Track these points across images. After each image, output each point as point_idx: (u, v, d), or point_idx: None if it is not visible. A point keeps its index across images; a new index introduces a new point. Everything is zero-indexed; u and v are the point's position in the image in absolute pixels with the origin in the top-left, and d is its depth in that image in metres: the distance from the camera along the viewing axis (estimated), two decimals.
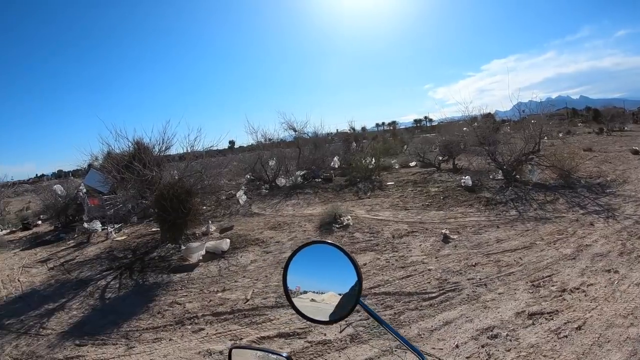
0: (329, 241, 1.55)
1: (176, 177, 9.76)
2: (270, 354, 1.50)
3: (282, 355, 1.43)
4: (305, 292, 1.54)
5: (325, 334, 4.86)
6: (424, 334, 4.63)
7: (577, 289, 5.44)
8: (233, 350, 1.55)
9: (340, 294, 1.49)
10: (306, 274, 1.57)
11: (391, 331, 1.51)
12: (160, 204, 9.04)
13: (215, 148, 12.07)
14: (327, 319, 1.52)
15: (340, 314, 1.49)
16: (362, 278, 1.50)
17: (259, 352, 1.56)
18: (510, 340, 4.31)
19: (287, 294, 1.57)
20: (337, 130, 26.94)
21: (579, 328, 4.42)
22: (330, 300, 1.51)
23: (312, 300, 1.53)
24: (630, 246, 6.89)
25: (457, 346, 4.31)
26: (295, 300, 1.55)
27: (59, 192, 15.73)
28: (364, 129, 37.01)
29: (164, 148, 10.97)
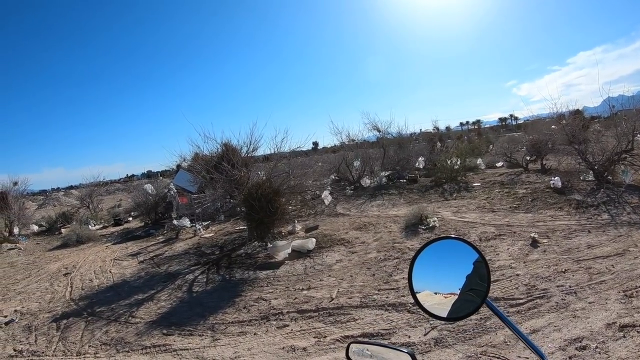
0: (461, 238, 1.55)
1: (264, 177, 10.09)
2: (390, 349, 1.54)
3: (403, 351, 1.46)
4: (431, 290, 1.55)
5: (409, 336, 4.93)
6: (509, 342, 4.59)
7: None
8: (351, 345, 1.61)
9: (465, 291, 1.50)
10: (433, 269, 1.58)
11: (518, 334, 1.49)
12: (249, 203, 9.41)
13: (300, 149, 12.37)
14: (451, 316, 1.52)
15: (465, 311, 1.50)
16: (491, 278, 1.53)
17: (378, 347, 1.60)
18: (600, 353, 4.18)
19: (412, 287, 1.57)
20: (420, 130, 26.75)
21: None
22: (453, 297, 1.51)
23: (435, 295, 1.54)
24: None
25: None
26: (419, 296, 1.56)
27: (150, 191, 16.65)
28: (448, 128, 36.62)
29: (251, 149, 11.43)
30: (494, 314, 1.50)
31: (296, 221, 11.51)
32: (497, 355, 4.03)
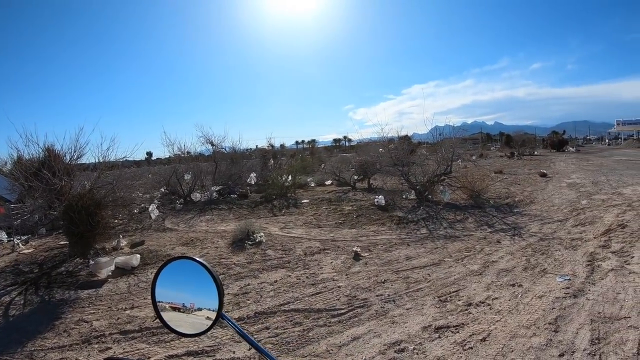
0: (195, 257, 1.59)
1: (87, 188, 9.32)
2: None
3: None
4: (174, 308, 1.59)
5: (234, 352, 4.75)
6: (332, 350, 4.57)
7: (483, 302, 5.57)
8: None
9: (208, 309, 1.54)
10: (174, 289, 1.61)
11: (253, 345, 1.54)
12: (69, 216, 8.62)
13: (129, 159, 11.72)
14: (194, 332, 1.58)
15: (205, 326, 1.54)
16: (223, 292, 1.55)
17: None
18: (417, 354, 4.31)
19: (156, 308, 1.60)
20: (256, 146, 26.88)
21: (483, 340, 4.49)
22: (198, 314, 1.56)
23: (180, 313, 1.58)
24: (534, 261, 7.20)
25: None
26: (164, 315, 1.59)
27: None
28: (282, 146, 37.24)
29: (75, 156, 10.48)
30: (230, 327, 1.56)
31: (121, 236, 10.78)
32: None
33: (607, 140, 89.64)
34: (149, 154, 36.19)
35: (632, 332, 4.46)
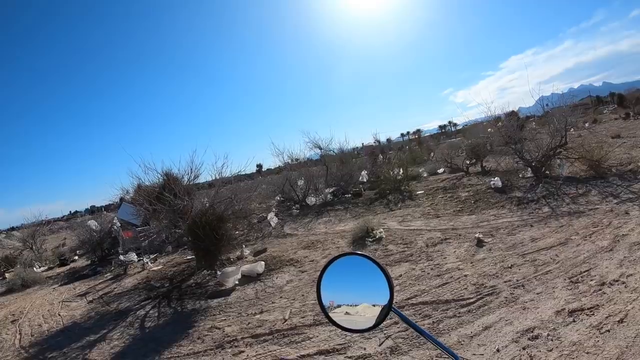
0: (359, 252, 1.59)
1: (207, 205, 9.86)
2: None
3: None
4: (339, 306, 1.58)
5: (365, 348, 4.85)
6: (463, 341, 4.59)
7: (617, 281, 5.36)
8: None
9: (374, 305, 1.54)
10: (339, 286, 1.61)
11: (426, 336, 1.52)
12: (193, 232, 9.16)
13: (243, 172, 12.20)
14: (363, 328, 1.56)
15: (374, 322, 1.52)
16: (394, 285, 1.54)
17: None
18: (552, 340, 4.25)
19: (322, 307, 1.61)
20: (362, 144, 26.95)
21: (621, 321, 4.35)
22: (364, 311, 1.54)
23: (347, 312, 1.56)
24: None
25: (498, 350, 4.26)
26: (331, 314, 1.58)
27: (94, 227, 15.99)
28: (389, 140, 37.11)
29: (192, 177, 11.15)
30: (401, 320, 1.54)
31: (244, 246, 11.28)
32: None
33: None
34: (259, 165, 37.24)
35: None
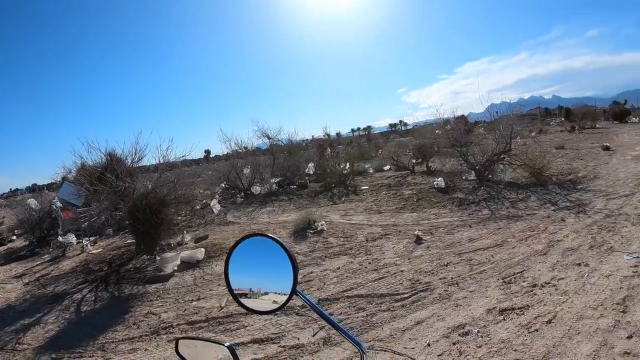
0: (267, 234, 1.56)
1: (149, 188, 9.62)
2: (213, 344, 1.53)
3: (224, 345, 1.44)
4: (266, 293, 1.55)
5: (298, 338, 4.85)
6: (395, 334, 4.63)
7: (548, 283, 5.50)
8: (180, 340, 1.57)
9: (280, 288, 1.53)
10: (247, 267, 1.58)
11: (330, 323, 1.55)
12: (134, 215, 8.93)
13: (188, 157, 12.00)
14: (268, 309, 1.56)
15: (279, 303, 1.53)
16: (298, 268, 1.52)
17: (203, 342, 1.64)
18: (482, 337, 4.32)
19: (230, 288, 1.58)
20: (312, 136, 26.94)
21: (549, 321, 4.45)
22: (272, 291, 1.55)
23: (254, 293, 1.56)
24: (600, 239, 7.02)
25: (428, 344, 4.30)
26: (238, 294, 1.57)
27: (33, 206, 15.35)
28: (338, 134, 37.26)
29: (136, 159, 10.82)
30: (306, 304, 1.56)
31: (185, 232, 11.09)
32: (384, 348, 3.96)
33: None
34: (207, 151, 36.74)
35: None
